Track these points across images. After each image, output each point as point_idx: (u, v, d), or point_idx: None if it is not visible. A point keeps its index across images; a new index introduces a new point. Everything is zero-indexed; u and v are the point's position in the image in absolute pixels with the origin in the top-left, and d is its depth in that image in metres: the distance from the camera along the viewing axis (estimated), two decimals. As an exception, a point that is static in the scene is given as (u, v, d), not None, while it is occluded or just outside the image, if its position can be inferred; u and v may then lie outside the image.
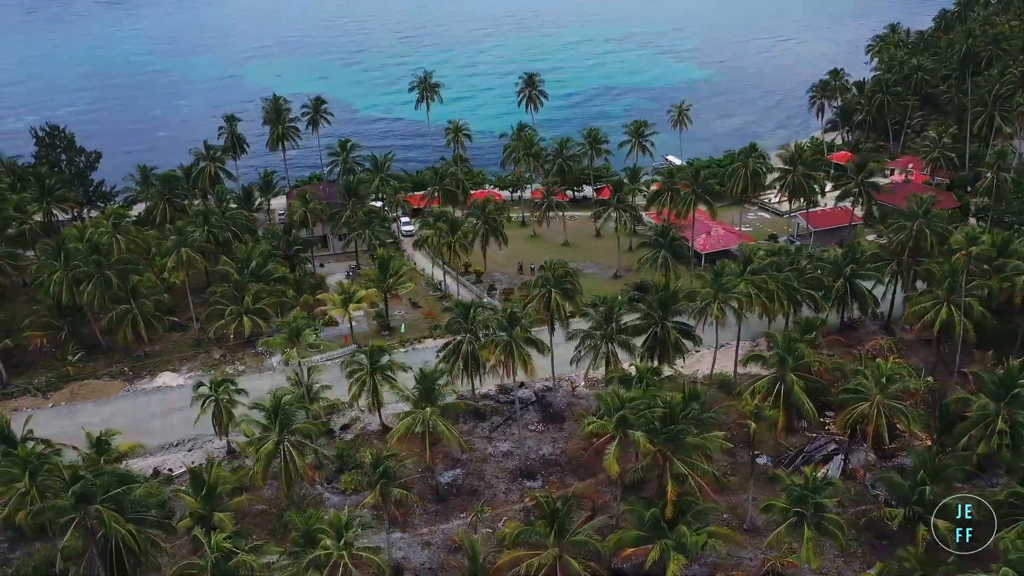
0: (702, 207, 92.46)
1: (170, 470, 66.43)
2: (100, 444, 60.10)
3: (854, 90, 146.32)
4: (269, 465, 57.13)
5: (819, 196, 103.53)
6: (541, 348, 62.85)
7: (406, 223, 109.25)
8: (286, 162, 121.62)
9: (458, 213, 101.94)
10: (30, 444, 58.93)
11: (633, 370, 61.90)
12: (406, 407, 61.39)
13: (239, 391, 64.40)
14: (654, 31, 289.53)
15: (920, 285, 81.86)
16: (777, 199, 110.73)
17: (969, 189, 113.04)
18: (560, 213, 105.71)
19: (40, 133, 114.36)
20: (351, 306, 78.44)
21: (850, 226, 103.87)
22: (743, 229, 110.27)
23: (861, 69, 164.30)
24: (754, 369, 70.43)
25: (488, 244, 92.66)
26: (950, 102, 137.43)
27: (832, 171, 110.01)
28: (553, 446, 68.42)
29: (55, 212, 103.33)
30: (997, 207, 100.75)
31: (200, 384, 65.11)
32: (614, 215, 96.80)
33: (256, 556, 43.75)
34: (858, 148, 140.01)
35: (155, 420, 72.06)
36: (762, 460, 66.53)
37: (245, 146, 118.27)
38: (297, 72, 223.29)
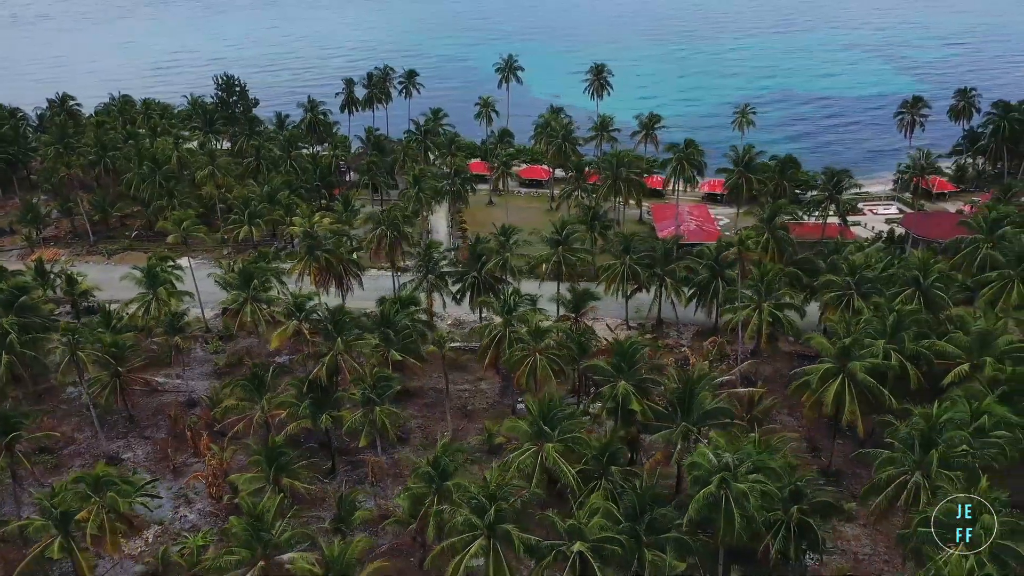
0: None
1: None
2: (71, 280, 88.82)
3: (995, 112, 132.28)
4: (146, 313, 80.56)
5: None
6: (333, 267, 78.45)
7: None
8: (386, 121, 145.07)
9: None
10: (51, 276, 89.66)
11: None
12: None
13: (176, 267, 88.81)
14: (910, 40, 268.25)
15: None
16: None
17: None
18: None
19: (220, 81, 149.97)
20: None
21: (825, 239, 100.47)
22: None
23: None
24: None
25: (455, 203, 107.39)
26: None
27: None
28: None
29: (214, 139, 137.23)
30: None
31: (152, 258, 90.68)
32: (574, 195, 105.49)
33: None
34: (962, 175, 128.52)
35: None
36: (521, 406, 75.73)
37: (356, 106, 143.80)
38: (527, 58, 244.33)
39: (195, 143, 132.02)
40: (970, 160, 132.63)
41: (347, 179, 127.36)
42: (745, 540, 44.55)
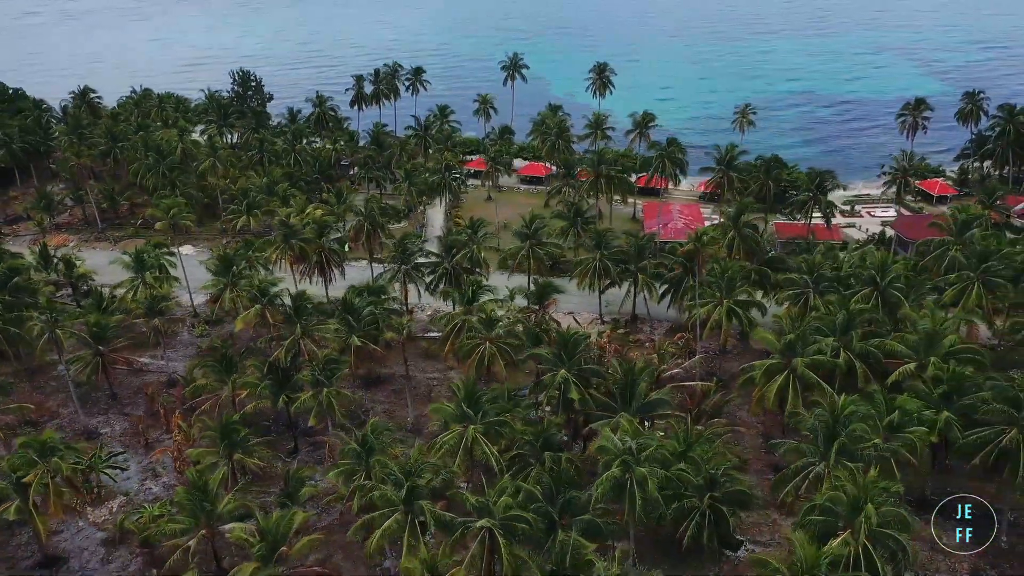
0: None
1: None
2: (69, 264, 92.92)
3: (1000, 115, 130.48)
4: (134, 295, 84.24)
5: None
6: (308, 255, 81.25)
7: None
8: (394, 117, 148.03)
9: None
10: (55, 260, 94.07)
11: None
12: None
13: (170, 253, 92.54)
14: (947, 44, 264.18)
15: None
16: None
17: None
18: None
19: (236, 76, 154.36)
20: (296, 217, 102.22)
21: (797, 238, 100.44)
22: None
23: None
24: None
25: (445, 198, 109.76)
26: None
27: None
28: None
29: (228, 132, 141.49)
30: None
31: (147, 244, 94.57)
32: (563, 191, 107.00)
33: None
34: (965, 179, 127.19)
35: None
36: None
37: (365, 102, 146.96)
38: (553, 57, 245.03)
39: (206, 136, 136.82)
40: (977, 164, 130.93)
41: (351, 172, 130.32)
42: (645, 522, 45.89)
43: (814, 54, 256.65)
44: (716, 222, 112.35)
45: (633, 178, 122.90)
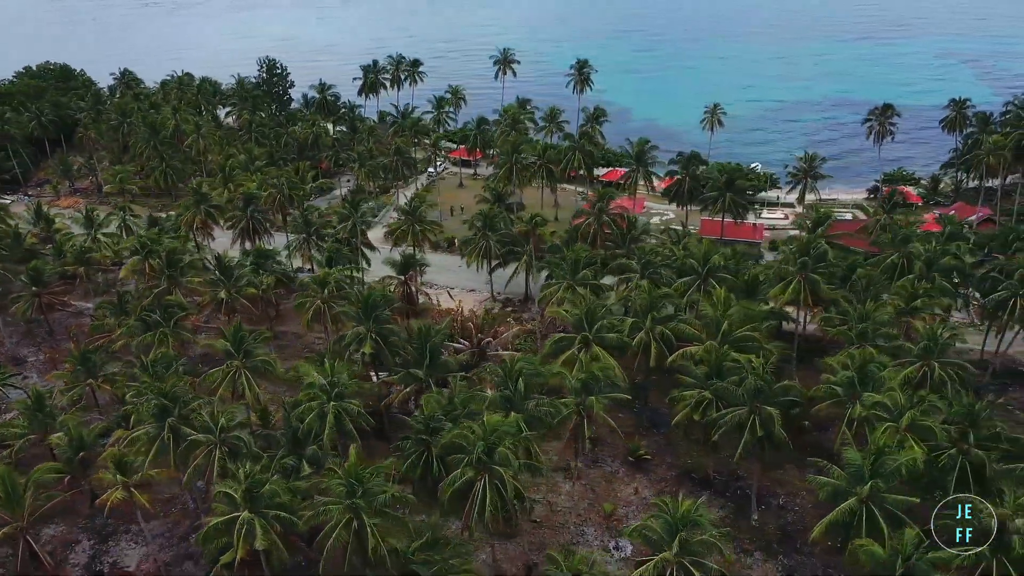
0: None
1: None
2: (48, 220, 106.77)
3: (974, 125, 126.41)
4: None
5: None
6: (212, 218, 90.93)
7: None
8: (395, 104, 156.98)
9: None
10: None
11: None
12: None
13: (135, 216, 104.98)
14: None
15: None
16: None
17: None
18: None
19: (263, 63, 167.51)
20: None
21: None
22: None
23: None
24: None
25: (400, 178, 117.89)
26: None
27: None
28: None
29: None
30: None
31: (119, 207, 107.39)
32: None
33: None
34: (935, 187, 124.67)
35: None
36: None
37: (368, 91, 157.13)
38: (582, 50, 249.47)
39: (232, 116, 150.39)
40: (964, 173, 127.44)
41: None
42: (330, 448, 52.63)
43: (866, 59, 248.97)
44: (667, 216, 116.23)
45: (603, 172, 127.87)
